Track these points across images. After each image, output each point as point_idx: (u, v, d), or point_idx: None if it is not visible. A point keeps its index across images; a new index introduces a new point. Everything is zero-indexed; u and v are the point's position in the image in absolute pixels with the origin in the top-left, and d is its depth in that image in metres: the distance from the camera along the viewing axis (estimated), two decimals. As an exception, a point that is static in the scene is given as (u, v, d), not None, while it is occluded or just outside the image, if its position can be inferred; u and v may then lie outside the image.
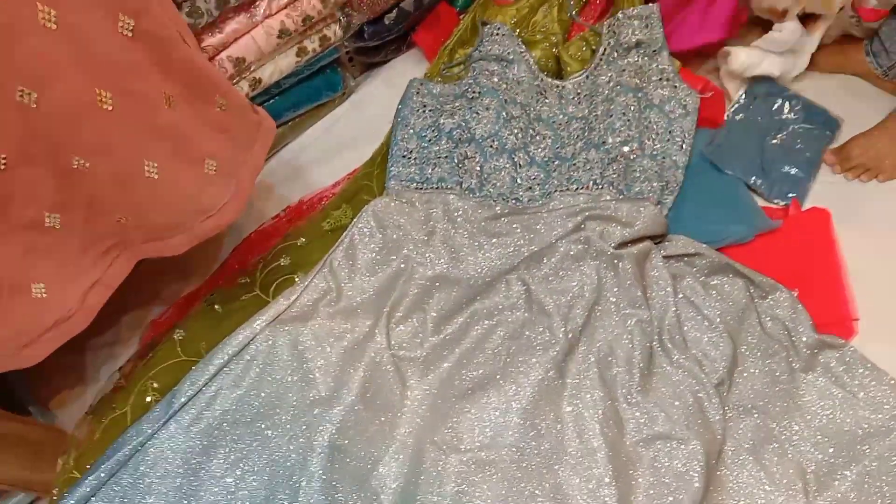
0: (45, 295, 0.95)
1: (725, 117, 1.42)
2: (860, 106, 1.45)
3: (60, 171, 0.88)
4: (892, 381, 1.10)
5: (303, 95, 1.45)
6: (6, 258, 0.88)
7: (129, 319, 1.31)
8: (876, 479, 1.03)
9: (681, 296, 1.19)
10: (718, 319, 1.16)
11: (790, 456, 1.06)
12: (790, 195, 1.33)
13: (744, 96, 1.46)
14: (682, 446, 1.04)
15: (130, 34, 0.85)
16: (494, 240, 1.25)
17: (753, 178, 1.34)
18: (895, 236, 1.28)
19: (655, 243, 1.23)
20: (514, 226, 1.26)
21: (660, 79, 1.37)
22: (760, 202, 1.33)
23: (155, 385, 1.12)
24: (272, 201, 1.40)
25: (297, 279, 1.22)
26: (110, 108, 0.86)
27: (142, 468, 1.04)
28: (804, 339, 1.15)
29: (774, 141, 1.39)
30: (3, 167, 0.82)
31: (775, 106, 1.43)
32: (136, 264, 1.09)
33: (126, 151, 0.91)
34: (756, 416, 1.10)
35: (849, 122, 1.42)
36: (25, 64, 0.76)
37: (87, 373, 1.28)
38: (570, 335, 1.13)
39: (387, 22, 1.49)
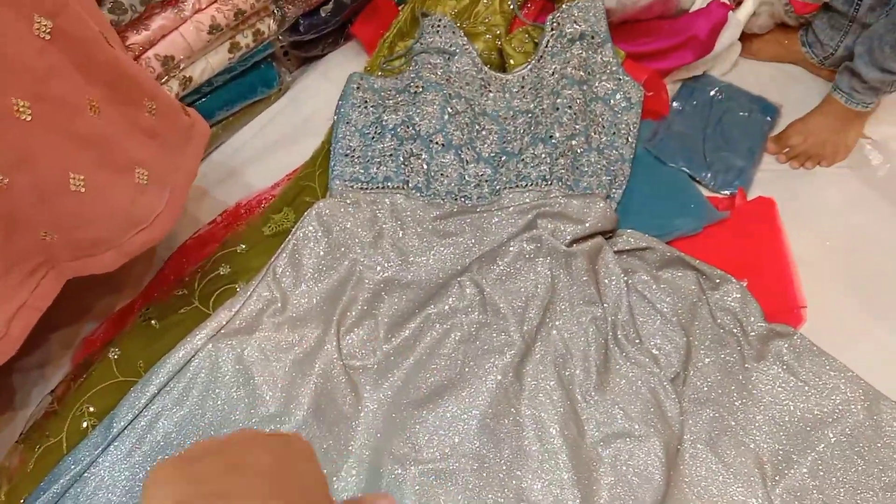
0: (-37, 323, 0.87)
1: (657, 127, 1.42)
2: (798, 92, 1.47)
3: (-25, 188, 0.80)
4: (841, 367, 1.12)
5: (236, 92, 1.37)
6: (-83, 285, 0.80)
7: (58, 337, 1.23)
8: (830, 465, 1.04)
9: (633, 291, 1.18)
10: (670, 313, 1.16)
11: (746, 446, 1.07)
12: (735, 184, 1.33)
13: (682, 88, 1.46)
14: (642, 444, 1.03)
15: (48, 36, 0.78)
16: (445, 240, 1.22)
17: (697, 169, 1.35)
18: (837, 220, 1.30)
19: (606, 238, 1.22)
20: (464, 225, 1.23)
21: (604, 71, 1.35)
22: (706, 193, 1.34)
23: (91, 409, 1.05)
24: (207, 206, 1.33)
25: (238, 288, 1.16)
26: (28, 117, 0.79)
27: (81, 500, 0.97)
28: (755, 329, 1.16)
29: (715, 131, 1.40)
30: None
31: (713, 96, 1.44)
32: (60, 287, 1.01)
33: (48, 163, 0.83)
34: (711, 408, 1.10)
35: (788, 108, 1.44)
36: (-72, 73, 0.69)
37: (16, 397, 1.19)
38: (525, 336, 1.11)
39: (323, 14, 1.42)
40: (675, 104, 1.44)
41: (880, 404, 1.09)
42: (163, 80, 1.17)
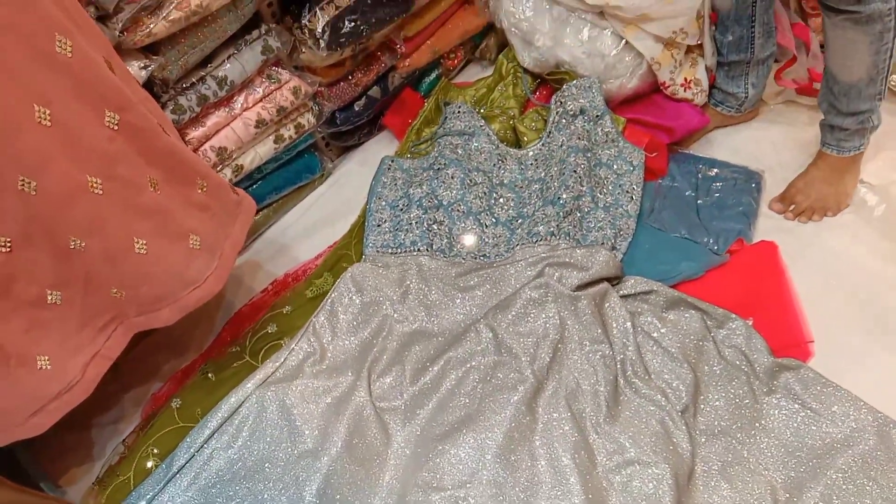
0: (49, 367, 1.04)
1: (657, 187, 1.52)
2: (768, 154, 1.59)
3: (59, 251, 0.99)
4: (850, 396, 1.16)
5: (283, 179, 1.58)
6: (13, 333, 0.99)
7: (131, 396, 1.40)
8: (843, 490, 1.08)
9: (640, 331, 1.27)
10: (677, 351, 1.24)
11: (758, 475, 1.11)
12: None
13: (670, 164, 1.57)
14: (651, 470, 1.10)
15: (116, 127, 0.98)
16: (465, 294, 1.35)
17: (698, 236, 1.42)
18: (839, 259, 1.37)
19: (612, 285, 1.32)
20: (483, 279, 1.36)
21: (605, 140, 1.50)
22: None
23: (155, 450, 1.20)
24: (260, 277, 1.51)
25: (283, 344, 1.31)
26: (100, 192, 0.98)
27: (145, 528, 1.11)
28: (762, 363, 1.22)
29: (706, 201, 1.49)
30: (7, 249, 0.94)
31: (699, 170, 1.55)
32: (135, 343, 1.18)
33: (116, 230, 1.02)
34: (723, 439, 1.16)
35: (753, 160, 1.56)
36: (25, 157, 0.89)
37: (94, 449, 1.35)
38: (537, 374, 1.20)
39: (356, 108, 1.64)
40: (665, 180, 1.54)
41: (891, 430, 1.12)
42: (218, 168, 1.39)
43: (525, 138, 1.58)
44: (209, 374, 1.31)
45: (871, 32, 1.22)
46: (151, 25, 1.15)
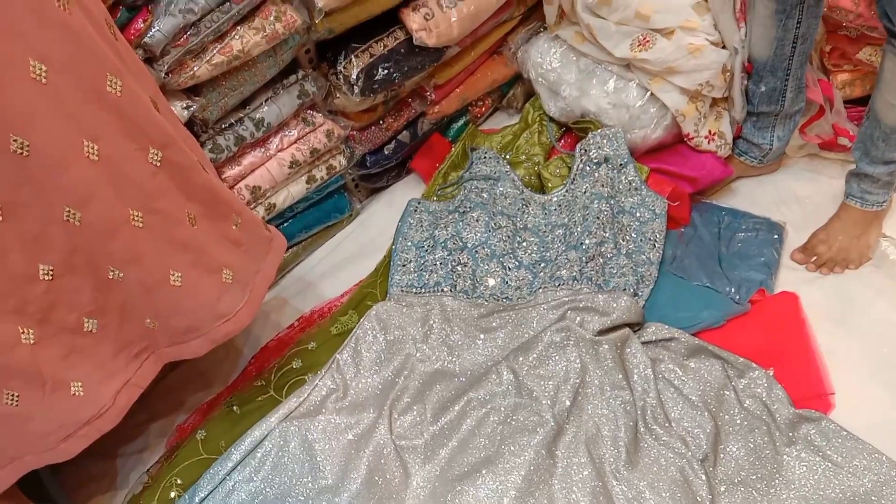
0: (82, 393, 1.08)
1: (679, 235, 1.54)
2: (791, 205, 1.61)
3: (98, 281, 1.03)
4: (872, 449, 1.16)
5: (314, 218, 1.63)
6: (51, 358, 1.02)
7: (156, 427, 1.43)
8: (863, 544, 1.07)
9: (661, 378, 1.28)
10: (698, 399, 1.25)
11: (780, 526, 1.11)
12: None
13: (692, 213, 1.59)
14: (669, 518, 1.10)
15: (158, 163, 1.02)
16: (487, 335, 1.36)
17: (720, 285, 1.43)
18: (860, 312, 1.37)
19: (634, 331, 1.34)
20: (505, 321, 1.38)
21: (629, 188, 1.53)
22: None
23: (179, 481, 1.22)
24: (287, 313, 1.55)
25: (307, 379, 1.33)
26: (141, 225, 1.02)
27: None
28: (783, 414, 1.22)
29: (729, 251, 1.50)
30: (50, 277, 0.98)
31: (720, 219, 1.57)
32: (163, 375, 1.21)
33: (154, 262, 1.06)
34: (743, 489, 1.16)
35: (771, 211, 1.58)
36: (71, 189, 0.93)
37: (118, 478, 1.37)
38: (557, 417, 1.21)
39: (386, 152, 1.69)
40: (688, 229, 1.56)
41: (913, 484, 1.12)
42: (252, 206, 1.43)
43: (549, 184, 1.61)
44: (234, 408, 1.33)
45: None
46: (195, 68, 1.20)
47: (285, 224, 1.56)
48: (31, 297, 0.97)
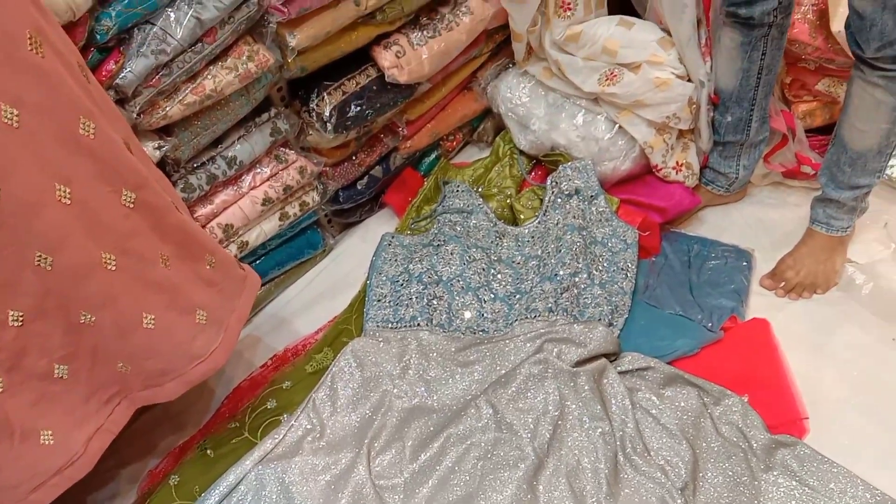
0: (52, 441, 1.05)
1: (651, 265, 1.56)
2: (755, 233, 1.64)
3: (69, 326, 1.01)
4: (847, 473, 1.17)
5: (287, 254, 1.61)
6: (20, 406, 0.99)
7: (127, 473, 1.39)
8: (844, 569, 1.08)
9: (638, 407, 1.29)
10: (675, 428, 1.25)
11: (759, 553, 1.11)
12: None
13: (662, 242, 1.61)
14: (651, 549, 1.10)
15: (132, 205, 1.01)
16: (465, 369, 1.36)
17: (692, 313, 1.45)
18: (831, 337, 1.40)
19: (610, 361, 1.35)
20: (482, 354, 1.37)
21: (600, 219, 1.55)
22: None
23: (151, 529, 1.18)
24: (260, 352, 1.52)
25: (282, 420, 1.31)
26: (114, 267, 1.01)
27: None
28: (759, 440, 1.23)
29: (699, 279, 1.53)
30: (20, 323, 0.95)
31: (690, 248, 1.59)
32: (133, 419, 1.18)
33: (127, 305, 1.05)
34: (723, 517, 1.16)
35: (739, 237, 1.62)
36: (43, 233, 0.92)
37: (88, 527, 1.33)
38: (538, 451, 1.21)
39: (359, 187, 1.69)
40: (659, 258, 1.58)
41: (890, 508, 1.13)
42: (224, 244, 1.42)
43: (522, 216, 1.62)
44: (208, 451, 1.30)
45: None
46: (167, 108, 1.20)
47: (258, 261, 1.55)
48: (0, 344, 0.95)
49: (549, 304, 1.41)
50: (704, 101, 1.55)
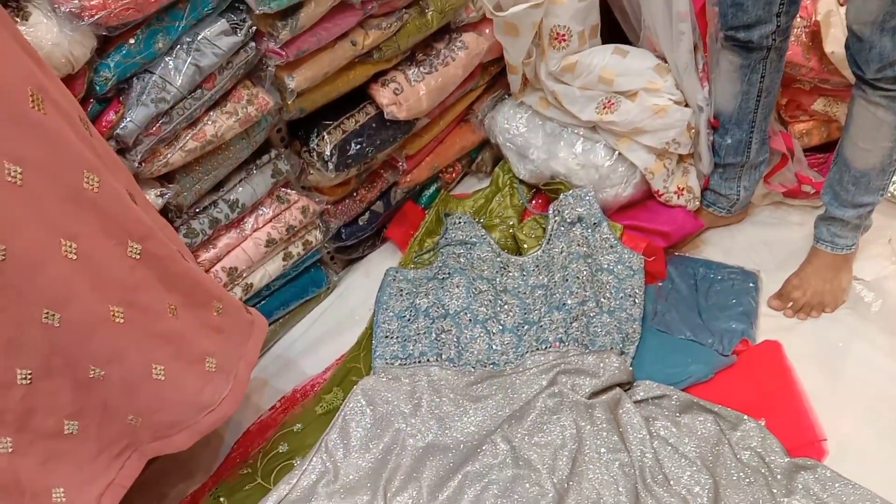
0: (64, 499, 1.02)
1: (657, 290, 1.55)
2: (761, 253, 1.64)
3: (78, 382, 0.99)
4: (870, 494, 1.16)
5: (291, 294, 1.60)
6: (30, 466, 0.97)
7: (137, 524, 1.36)
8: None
9: (656, 436, 1.27)
10: (694, 455, 1.24)
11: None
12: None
13: (668, 267, 1.60)
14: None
15: (138, 256, 1.00)
16: (477, 404, 1.34)
17: (702, 337, 1.44)
18: (843, 356, 1.40)
19: (625, 390, 1.33)
20: (494, 388, 1.36)
21: (605, 247, 1.54)
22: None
23: (166, 583, 1.16)
24: (267, 394, 1.50)
25: (295, 464, 1.29)
26: (122, 321, 0.99)
27: None
28: (779, 464, 1.22)
29: (707, 302, 1.52)
30: (28, 381, 0.94)
31: (697, 272, 1.59)
32: (142, 469, 1.16)
33: (136, 358, 1.03)
34: (747, 544, 1.14)
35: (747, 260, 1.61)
36: (50, 290, 0.90)
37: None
38: (557, 486, 1.19)
39: (361, 223, 1.68)
40: (665, 283, 1.58)
41: (916, 528, 1.12)
42: (228, 288, 1.40)
43: (525, 245, 1.62)
44: (220, 499, 1.28)
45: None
46: (168, 156, 1.19)
47: (262, 302, 1.54)
48: (9, 405, 0.93)
49: (560, 335, 1.40)
50: (703, 125, 1.55)
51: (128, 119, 1.11)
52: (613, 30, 1.69)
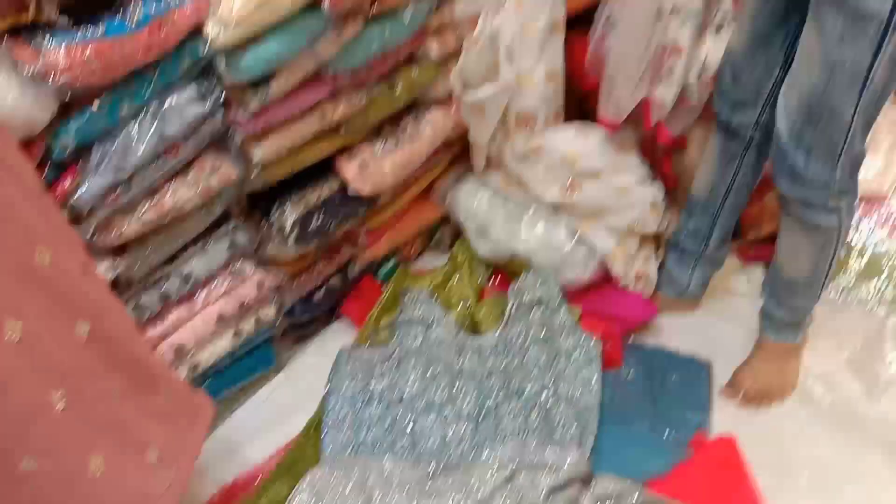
0: None
1: (614, 378, 1.54)
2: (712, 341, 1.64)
3: (7, 475, 0.89)
4: None
5: (238, 373, 1.50)
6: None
7: None
8: None
9: (617, 535, 1.23)
10: (656, 556, 1.21)
11: None
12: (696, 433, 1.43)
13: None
14: None
15: (86, 336, 0.92)
16: (430, 500, 1.28)
17: (660, 430, 1.43)
18: (796, 452, 1.40)
19: (584, 484, 1.29)
20: (450, 483, 1.29)
21: (563, 331, 1.53)
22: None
23: None
24: (205, 485, 1.37)
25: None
26: (63, 407, 0.90)
27: None
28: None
29: (662, 393, 1.52)
30: (-49, 478, 0.83)
31: (651, 363, 1.58)
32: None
33: (74, 449, 0.93)
34: None
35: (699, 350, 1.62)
36: (-12, 377, 0.81)
37: None
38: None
39: (315, 300, 1.61)
40: (621, 371, 1.57)
41: None
42: (175, 367, 1.31)
43: (483, 326, 1.59)
44: None
45: (816, 242, 1.31)
46: (124, 227, 1.12)
47: (207, 381, 1.43)
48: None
49: (518, 424, 1.36)
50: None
51: (83, 188, 1.04)
52: (580, 111, 1.71)
